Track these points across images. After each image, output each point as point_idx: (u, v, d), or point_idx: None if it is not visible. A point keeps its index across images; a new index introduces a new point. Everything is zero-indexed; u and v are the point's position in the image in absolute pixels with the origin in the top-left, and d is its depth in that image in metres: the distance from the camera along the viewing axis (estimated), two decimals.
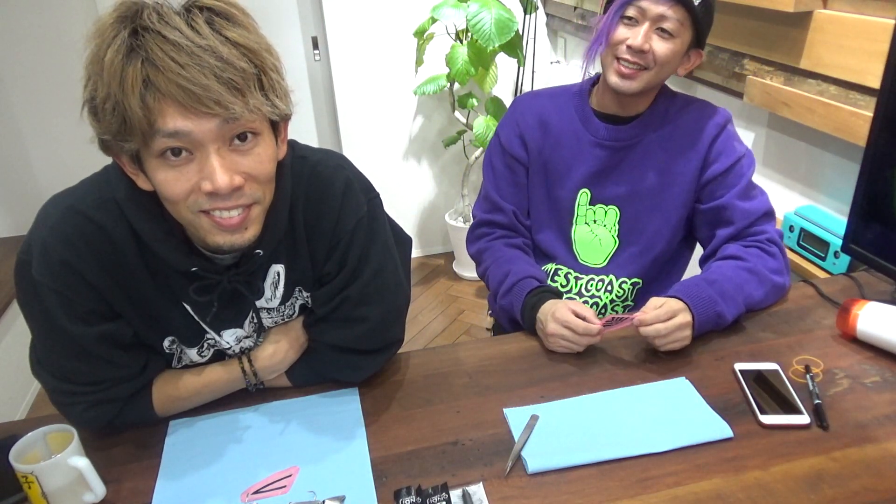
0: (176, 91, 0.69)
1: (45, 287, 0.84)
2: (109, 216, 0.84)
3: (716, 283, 1.12)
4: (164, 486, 0.87)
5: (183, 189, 0.75)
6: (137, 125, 0.70)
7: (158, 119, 0.70)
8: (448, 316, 2.85)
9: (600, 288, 1.32)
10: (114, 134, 0.72)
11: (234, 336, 0.99)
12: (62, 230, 0.83)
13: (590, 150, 1.28)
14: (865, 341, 1.08)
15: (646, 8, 1.11)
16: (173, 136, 0.71)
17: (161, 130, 0.71)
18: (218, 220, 0.78)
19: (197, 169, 0.74)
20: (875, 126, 1.10)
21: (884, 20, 1.28)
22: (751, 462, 0.86)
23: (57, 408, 0.94)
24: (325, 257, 0.97)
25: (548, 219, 1.34)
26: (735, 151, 1.23)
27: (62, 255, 0.83)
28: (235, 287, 0.91)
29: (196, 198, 0.76)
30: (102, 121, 0.72)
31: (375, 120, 2.96)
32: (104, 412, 0.93)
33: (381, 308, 0.99)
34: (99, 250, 0.84)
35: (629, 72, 1.15)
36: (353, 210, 0.95)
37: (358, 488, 0.85)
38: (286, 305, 1.01)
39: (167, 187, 0.75)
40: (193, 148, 0.73)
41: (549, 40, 3.06)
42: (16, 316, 2.29)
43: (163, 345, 0.96)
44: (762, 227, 1.21)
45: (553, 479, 0.85)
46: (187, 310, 0.93)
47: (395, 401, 1.01)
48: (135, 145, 0.72)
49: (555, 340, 1.09)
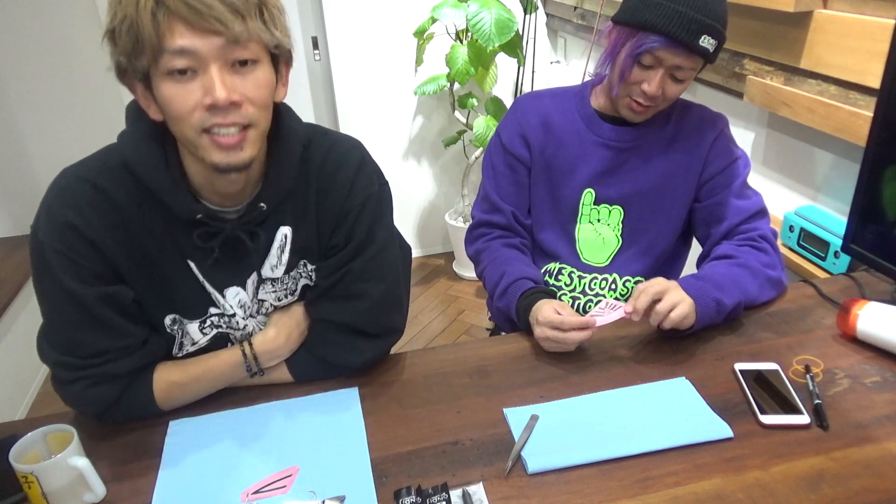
0: (182, 8, 0.75)
1: (50, 248, 0.87)
2: (113, 181, 0.89)
3: (705, 276, 1.13)
4: (164, 486, 0.87)
5: (188, 105, 0.79)
6: (148, 41, 0.76)
7: (167, 35, 0.76)
8: (448, 316, 2.85)
9: (604, 286, 1.33)
10: (127, 54, 0.78)
11: (236, 298, 1.00)
12: (67, 195, 0.88)
13: (594, 151, 1.28)
14: (865, 341, 1.08)
15: (662, 57, 1.11)
16: (180, 54, 0.77)
17: (169, 48, 0.77)
18: (217, 139, 0.82)
19: (200, 86, 0.79)
20: (875, 126, 1.10)
21: (884, 20, 1.28)
22: (751, 462, 0.86)
23: (59, 390, 0.95)
24: (332, 227, 1.00)
25: (551, 218, 1.35)
26: (732, 153, 1.26)
27: (66, 216, 0.87)
28: (238, 235, 0.93)
29: (199, 115, 0.80)
30: (118, 43, 0.78)
31: (375, 120, 2.96)
32: (105, 392, 0.93)
33: (382, 286, 1.02)
34: (103, 213, 0.89)
35: (640, 109, 1.19)
36: (365, 185, 1.00)
37: (358, 488, 0.85)
38: (289, 277, 1.02)
39: (174, 103, 0.80)
40: (198, 66, 0.78)
41: (549, 40, 3.06)
42: (16, 316, 2.29)
43: (164, 323, 0.97)
44: (754, 225, 1.23)
45: (553, 479, 0.85)
46: (191, 269, 0.95)
47: (395, 401, 1.01)
48: (145, 62, 0.78)
49: (544, 343, 1.10)
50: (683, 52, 1.10)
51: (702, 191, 1.28)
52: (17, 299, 2.26)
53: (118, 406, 0.95)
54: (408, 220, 3.22)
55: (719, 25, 1.10)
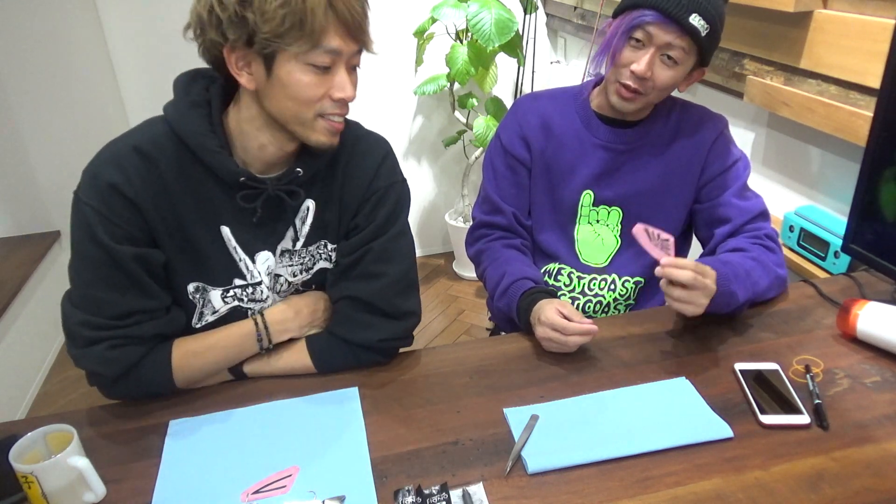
0: (347, 15, 0.86)
1: (90, 208, 0.92)
2: (157, 147, 0.94)
3: (728, 263, 1.13)
4: (164, 486, 0.87)
5: (317, 94, 0.91)
6: (309, 32, 0.85)
7: (327, 34, 0.86)
8: (448, 316, 2.85)
9: (603, 287, 1.33)
10: (276, 33, 0.84)
11: (266, 264, 1.04)
12: (112, 158, 0.93)
13: (593, 152, 1.28)
14: (865, 341, 1.08)
15: (653, 33, 1.12)
16: (331, 53, 0.88)
17: (324, 45, 0.87)
18: (332, 124, 0.95)
19: (331, 81, 0.91)
20: (875, 126, 1.10)
21: (884, 20, 1.28)
22: (751, 462, 0.86)
23: (77, 353, 0.95)
24: (356, 207, 1.06)
25: (550, 219, 1.35)
26: (732, 155, 1.27)
27: (111, 177, 0.92)
28: (279, 194, 0.99)
29: (325, 103, 0.92)
30: (264, 17, 0.83)
31: (375, 120, 2.96)
32: (127, 354, 0.95)
33: (400, 267, 1.06)
34: (145, 177, 0.93)
35: (629, 95, 1.18)
36: (390, 173, 1.07)
37: (358, 488, 0.85)
38: (307, 251, 1.06)
39: (306, 90, 0.90)
40: (333, 64, 0.90)
41: (549, 40, 3.06)
42: (16, 316, 2.29)
43: (188, 290, 1.01)
44: (759, 225, 1.24)
45: (553, 479, 0.85)
46: (223, 237, 1.00)
47: (395, 401, 1.01)
48: (293, 46, 0.85)
49: (545, 343, 1.10)
50: (674, 28, 1.10)
51: (702, 192, 1.28)
52: (17, 299, 2.26)
53: (137, 371, 0.96)
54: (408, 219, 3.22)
55: (711, 9, 1.10)
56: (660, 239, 1.05)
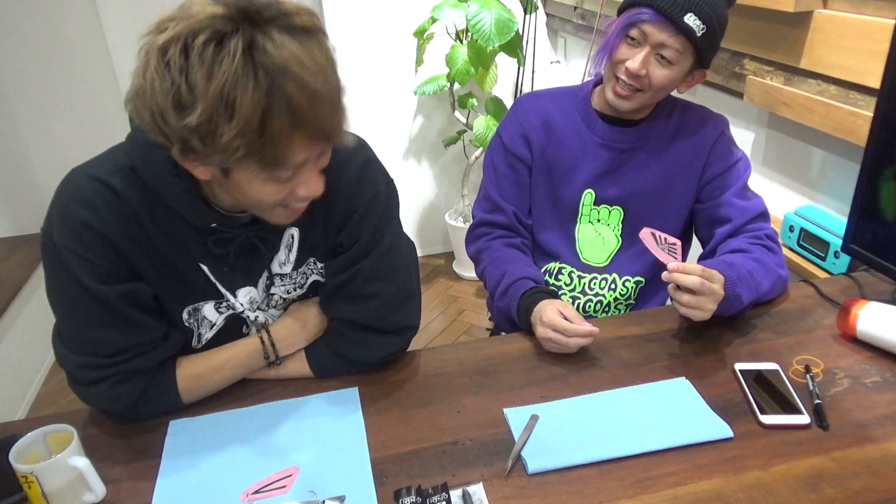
0: (316, 130, 0.75)
1: (67, 250, 0.87)
2: (125, 182, 0.88)
3: (733, 266, 1.12)
4: (164, 486, 0.87)
5: (279, 197, 0.82)
6: (270, 160, 0.74)
7: (293, 151, 0.75)
8: (448, 316, 2.85)
9: (604, 286, 1.33)
10: (231, 160, 0.73)
11: (247, 297, 1.01)
12: (82, 194, 0.87)
13: (594, 151, 1.28)
14: (865, 341, 1.08)
15: (648, 32, 1.12)
16: (295, 167, 0.79)
17: (289, 163, 0.76)
18: (294, 210, 0.88)
19: (296, 181, 0.81)
20: (875, 126, 1.10)
21: (884, 20, 1.28)
22: (751, 462, 0.86)
23: (80, 392, 0.94)
24: (339, 226, 1.00)
25: (551, 218, 1.35)
26: (733, 155, 1.27)
27: (82, 216, 0.86)
28: (252, 241, 0.95)
29: (286, 198, 0.83)
30: (215, 147, 0.72)
31: (375, 120, 2.96)
32: (130, 388, 0.93)
33: (392, 286, 1.02)
34: (117, 213, 0.88)
35: (625, 93, 1.18)
36: (371, 184, 1.00)
37: (358, 488, 0.85)
38: (298, 273, 1.03)
39: (265, 196, 0.81)
40: (299, 169, 0.80)
41: (549, 40, 3.06)
42: (16, 316, 2.29)
43: (182, 317, 0.98)
44: (759, 225, 1.24)
45: (553, 479, 0.85)
46: (204, 272, 0.96)
47: (395, 401, 1.01)
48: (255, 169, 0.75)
49: (545, 343, 1.10)
50: (669, 28, 1.10)
51: (703, 192, 1.28)
52: (17, 299, 2.26)
53: (143, 401, 0.95)
54: (408, 220, 3.22)
55: (709, 10, 1.10)
56: (667, 243, 1.05)
